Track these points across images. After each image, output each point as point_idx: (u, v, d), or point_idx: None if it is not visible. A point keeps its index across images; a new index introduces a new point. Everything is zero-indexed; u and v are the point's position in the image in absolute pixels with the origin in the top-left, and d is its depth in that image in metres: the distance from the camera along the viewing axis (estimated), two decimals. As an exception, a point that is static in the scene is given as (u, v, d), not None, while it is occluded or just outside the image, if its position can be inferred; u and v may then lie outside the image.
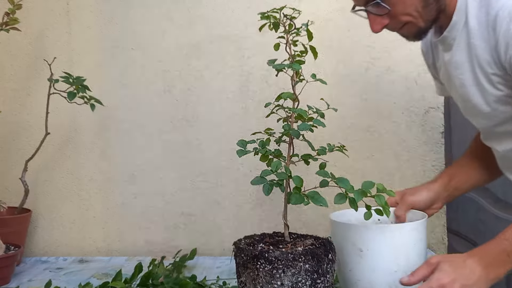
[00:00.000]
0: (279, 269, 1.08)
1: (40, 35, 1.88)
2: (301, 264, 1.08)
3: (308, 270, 1.09)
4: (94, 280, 1.57)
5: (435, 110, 1.81)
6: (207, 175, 1.86)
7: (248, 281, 1.13)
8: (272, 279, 1.08)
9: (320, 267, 1.10)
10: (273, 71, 1.85)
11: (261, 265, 1.10)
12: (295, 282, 1.08)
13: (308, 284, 1.09)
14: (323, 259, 1.11)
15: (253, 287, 1.11)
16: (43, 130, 1.75)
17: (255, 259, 1.11)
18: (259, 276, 1.09)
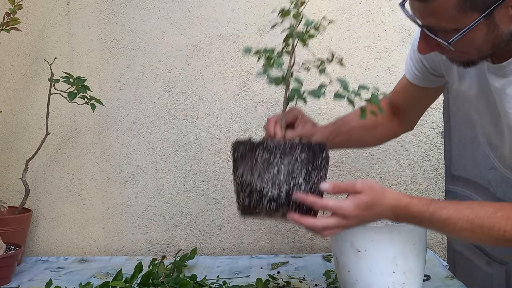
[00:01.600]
0: (276, 156, 1.11)
1: (41, 35, 1.88)
2: (297, 154, 1.11)
3: (303, 161, 1.12)
4: (94, 279, 1.57)
5: (435, 110, 1.81)
6: (207, 175, 1.87)
7: (246, 171, 1.15)
8: (270, 165, 1.11)
9: (315, 160, 1.13)
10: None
11: (260, 153, 1.12)
12: (290, 170, 1.11)
13: (303, 174, 1.11)
14: (318, 154, 1.14)
15: (250, 175, 1.13)
16: (44, 130, 1.76)
17: (254, 148, 1.13)
18: (257, 163, 1.12)
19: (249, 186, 1.13)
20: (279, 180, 1.10)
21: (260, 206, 1.12)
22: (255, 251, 1.86)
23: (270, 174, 1.11)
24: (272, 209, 1.12)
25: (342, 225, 1.10)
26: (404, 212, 1.09)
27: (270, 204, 1.11)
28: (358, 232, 1.21)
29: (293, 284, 1.49)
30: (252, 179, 1.12)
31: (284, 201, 1.11)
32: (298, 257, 1.78)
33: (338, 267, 1.28)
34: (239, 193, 1.19)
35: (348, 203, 1.09)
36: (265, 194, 1.11)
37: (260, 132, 1.85)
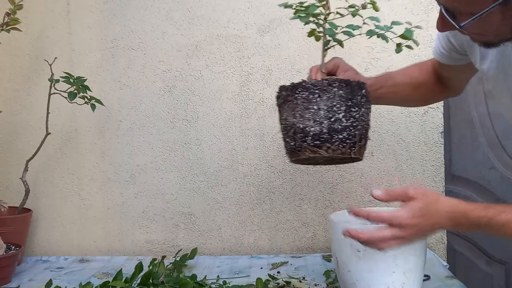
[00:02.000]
0: (315, 94, 1.14)
1: (41, 35, 1.88)
2: (336, 90, 1.14)
3: (343, 96, 1.14)
4: (94, 279, 1.57)
5: (434, 110, 1.81)
6: (207, 175, 1.87)
7: (289, 114, 1.18)
8: (309, 104, 1.14)
9: (354, 96, 1.16)
10: (273, 71, 1.86)
11: (299, 93, 1.15)
12: (330, 106, 1.14)
13: (343, 110, 1.14)
14: (357, 91, 1.16)
15: (293, 117, 1.16)
16: (44, 130, 1.76)
17: (294, 89, 1.16)
18: (298, 104, 1.15)
19: (293, 126, 1.16)
20: (320, 116, 1.13)
21: (304, 144, 1.15)
22: (255, 251, 1.86)
23: (311, 112, 1.13)
24: (316, 146, 1.14)
25: (399, 236, 1.07)
26: (463, 218, 1.07)
27: (313, 140, 1.14)
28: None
29: (293, 284, 1.49)
30: (294, 119, 1.15)
31: (327, 136, 1.13)
32: (298, 257, 1.78)
33: (338, 267, 1.28)
34: (285, 138, 1.21)
35: (403, 211, 1.07)
36: (308, 131, 1.14)
37: (260, 133, 1.86)
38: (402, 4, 1.81)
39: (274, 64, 1.84)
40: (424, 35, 1.79)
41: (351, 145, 1.15)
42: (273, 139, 1.85)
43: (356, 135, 1.16)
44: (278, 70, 1.84)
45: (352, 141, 1.15)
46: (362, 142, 1.19)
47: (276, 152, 1.85)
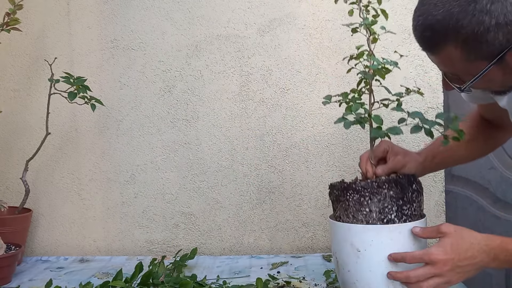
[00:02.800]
0: (366, 196, 1.18)
1: (41, 35, 1.89)
2: (386, 191, 1.18)
3: (393, 197, 1.18)
4: (94, 279, 1.57)
5: (434, 110, 1.81)
6: (207, 175, 1.87)
7: (342, 213, 1.23)
8: (361, 206, 1.19)
9: (404, 194, 1.19)
10: (273, 71, 1.86)
11: (350, 195, 1.20)
12: (382, 208, 1.18)
13: (395, 210, 1.18)
14: (407, 188, 1.19)
15: (346, 217, 1.21)
16: (44, 130, 1.76)
17: (344, 191, 1.21)
18: (350, 206, 1.20)
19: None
20: (372, 219, 1.18)
21: None
22: (255, 251, 1.86)
23: (363, 214, 1.18)
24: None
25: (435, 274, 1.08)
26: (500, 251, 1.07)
27: None
28: (358, 232, 1.21)
29: (293, 284, 1.49)
30: (348, 220, 1.21)
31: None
32: (298, 257, 1.78)
33: (338, 267, 1.28)
34: None
35: (434, 247, 1.09)
36: None
37: (260, 133, 1.86)
38: (402, 4, 1.81)
39: (274, 64, 1.84)
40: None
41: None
42: (273, 139, 1.85)
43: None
44: (278, 70, 1.84)
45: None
46: None
47: (276, 152, 1.85)
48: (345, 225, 1.24)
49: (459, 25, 0.95)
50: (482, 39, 0.95)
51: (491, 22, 0.93)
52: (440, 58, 1.04)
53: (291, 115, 1.85)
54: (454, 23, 0.95)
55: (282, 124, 1.85)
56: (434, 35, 1.00)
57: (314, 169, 1.85)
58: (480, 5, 0.93)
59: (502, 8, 0.92)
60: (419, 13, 1.01)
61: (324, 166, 1.85)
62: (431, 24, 0.98)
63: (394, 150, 1.33)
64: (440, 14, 0.96)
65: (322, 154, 1.85)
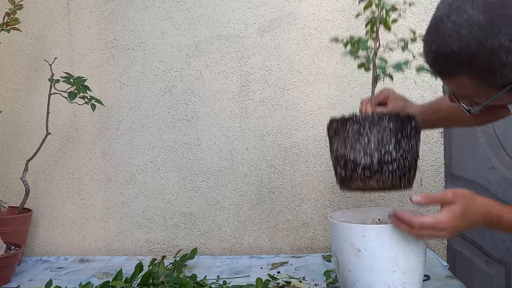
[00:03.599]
0: (365, 127, 1.19)
1: (41, 35, 1.89)
2: (385, 123, 1.19)
3: (392, 129, 1.19)
4: (94, 279, 1.57)
5: (435, 110, 1.81)
6: (207, 175, 1.87)
7: (340, 145, 1.22)
8: (360, 136, 1.19)
9: (403, 128, 1.20)
10: (273, 71, 1.87)
11: (350, 126, 1.20)
12: (380, 139, 1.18)
13: (393, 142, 1.19)
14: (406, 123, 1.20)
15: (344, 148, 1.21)
16: (44, 130, 1.76)
17: (345, 123, 1.21)
18: (348, 136, 1.20)
19: (344, 157, 1.21)
20: (370, 149, 1.18)
21: (355, 175, 1.20)
22: (255, 251, 1.86)
23: (361, 144, 1.18)
24: (366, 177, 1.19)
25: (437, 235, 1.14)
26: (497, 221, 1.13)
27: (364, 172, 1.19)
28: (358, 232, 1.21)
29: (293, 284, 1.49)
30: (345, 151, 1.20)
31: (377, 168, 1.18)
32: (298, 257, 1.78)
33: (338, 267, 1.28)
34: (336, 167, 1.26)
35: (444, 216, 1.12)
36: (359, 163, 1.19)
37: (260, 133, 1.86)
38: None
39: (274, 64, 1.84)
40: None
41: (401, 176, 1.20)
42: (273, 139, 1.85)
43: (406, 166, 1.20)
44: (278, 70, 1.84)
45: (401, 172, 1.20)
46: (412, 173, 1.23)
47: (276, 152, 1.85)
48: (346, 225, 1.24)
49: (474, 59, 0.93)
50: (497, 73, 0.94)
51: (508, 59, 0.92)
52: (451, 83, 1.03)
53: (291, 115, 1.85)
54: (470, 57, 0.93)
55: (282, 124, 1.85)
56: (447, 65, 0.98)
57: (314, 169, 1.85)
58: (498, 42, 0.91)
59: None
60: (432, 39, 0.98)
61: (324, 166, 1.85)
62: (446, 54, 0.96)
63: (395, 96, 1.35)
64: (456, 46, 0.93)
65: (322, 154, 1.85)
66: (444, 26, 0.95)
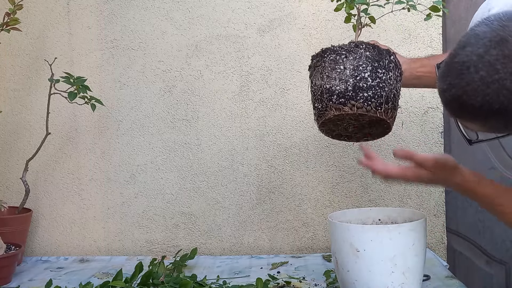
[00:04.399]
0: (341, 55, 1.17)
1: (41, 35, 1.89)
2: (362, 51, 1.17)
3: (369, 57, 1.17)
4: (94, 279, 1.57)
5: (434, 110, 1.81)
6: (207, 175, 1.87)
7: (317, 78, 1.20)
8: (336, 64, 1.17)
9: (381, 59, 1.18)
10: (273, 71, 1.86)
11: (327, 56, 1.19)
12: (356, 66, 1.16)
13: (369, 70, 1.16)
14: (385, 55, 1.19)
15: (321, 80, 1.18)
16: (44, 130, 1.76)
17: (323, 54, 1.20)
18: (325, 66, 1.18)
19: (320, 88, 1.19)
20: (345, 75, 1.15)
21: (330, 104, 1.17)
22: (255, 251, 1.86)
23: (337, 72, 1.16)
24: (341, 104, 1.16)
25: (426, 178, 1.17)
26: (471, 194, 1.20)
27: (338, 98, 1.16)
28: (357, 232, 1.21)
29: (293, 284, 1.49)
30: (322, 82, 1.18)
31: (352, 94, 1.15)
32: (298, 257, 1.78)
33: (337, 267, 1.28)
34: (314, 104, 1.23)
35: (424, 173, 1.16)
36: (333, 90, 1.16)
37: (260, 133, 1.86)
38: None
39: (274, 64, 1.84)
40: (424, 35, 1.79)
41: (377, 105, 1.16)
42: (273, 139, 1.85)
43: (382, 96, 1.17)
44: (278, 70, 1.84)
45: (378, 101, 1.16)
46: (389, 105, 1.19)
47: (276, 152, 1.85)
48: (345, 225, 1.24)
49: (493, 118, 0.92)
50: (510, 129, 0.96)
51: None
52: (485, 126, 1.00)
53: (291, 115, 1.85)
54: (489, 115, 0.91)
55: (282, 124, 1.85)
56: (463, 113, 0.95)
57: (314, 169, 1.85)
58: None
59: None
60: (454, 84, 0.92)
61: (324, 166, 1.85)
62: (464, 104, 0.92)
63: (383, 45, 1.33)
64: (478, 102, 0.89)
65: (322, 154, 1.85)
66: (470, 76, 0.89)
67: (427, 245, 1.35)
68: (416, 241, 1.21)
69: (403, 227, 1.21)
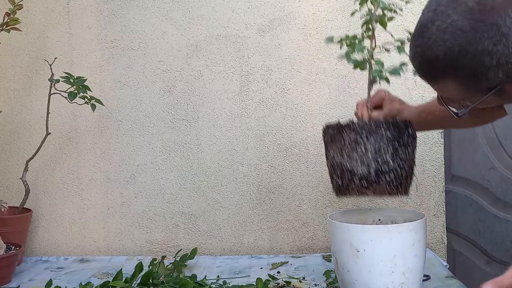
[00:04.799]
0: (362, 135, 1.17)
1: (41, 35, 1.89)
2: (383, 132, 1.17)
3: (390, 138, 1.17)
4: (94, 279, 1.57)
5: (435, 110, 1.81)
6: (207, 175, 1.87)
7: (336, 153, 1.21)
8: (357, 145, 1.17)
9: (401, 137, 1.18)
10: (273, 71, 1.86)
11: (347, 134, 1.18)
12: (377, 148, 1.16)
13: (390, 151, 1.17)
14: (404, 131, 1.19)
15: (340, 156, 1.19)
16: (44, 130, 1.76)
17: (341, 130, 1.20)
18: (345, 144, 1.18)
19: (340, 166, 1.19)
20: (367, 158, 1.16)
21: (352, 185, 1.18)
22: (255, 251, 1.86)
23: (358, 153, 1.16)
24: (364, 187, 1.17)
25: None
26: None
27: (361, 182, 1.17)
28: (357, 232, 1.21)
29: (293, 284, 1.49)
30: (342, 160, 1.18)
31: (374, 178, 1.16)
32: (298, 257, 1.78)
33: (337, 267, 1.28)
34: (332, 175, 1.25)
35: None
36: (356, 173, 1.17)
37: (260, 133, 1.86)
38: (402, 4, 1.80)
39: (274, 64, 1.84)
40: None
41: (398, 185, 1.19)
42: (273, 139, 1.85)
43: (402, 175, 1.19)
44: (278, 70, 1.84)
45: (398, 181, 1.19)
46: (408, 181, 1.22)
47: (276, 152, 1.85)
48: (344, 225, 1.24)
49: (459, 64, 0.94)
50: (482, 77, 0.94)
51: (492, 63, 0.92)
52: (437, 87, 1.04)
53: (291, 115, 1.85)
54: (454, 61, 0.94)
55: (282, 124, 1.85)
56: (432, 70, 0.99)
57: (314, 169, 1.85)
58: (482, 47, 0.91)
59: (504, 50, 0.91)
60: (417, 44, 0.99)
61: (324, 166, 1.84)
62: (430, 59, 0.97)
63: (390, 98, 1.33)
64: (440, 51, 0.94)
65: (322, 154, 1.84)
66: (429, 31, 0.95)
67: (427, 245, 1.35)
68: (416, 241, 1.21)
69: (403, 227, 1.20)
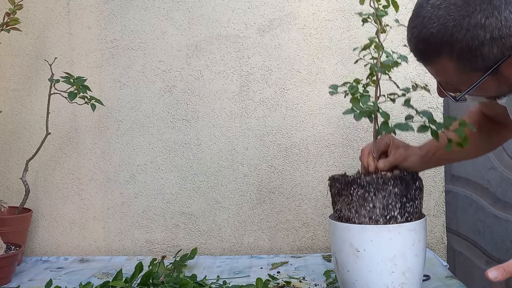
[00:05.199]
0: (370, 192, 1.18)
1: (41, 35, 1.89)
2: (391, 188, 1.18)
3: (397, 194, 1.18)
4: (94, 279, 1.57)
5: (434, 110, 1.81)
6: (207, 175, 1.87)
7: (343, 207, 1.22)
8: (365, 202, 1.18)
9: (408, 191, 1.19)
10: (273, 71, 1.86)
11: (354, 190, 1.19)
12: (386, 205, 1.18)
13: (398, 207, 1.18)
14: (411, 185, 1.20)
15: (348, 211, 1.21)
16: (44, 130, 1.76)
17: (348, 185, 1.20)
18: (353, 200, 1.19)
19: (348, 221, 1.21)
20: (375, 215, 1.18)
21: None
22: (255, 251, 1.86)
23: (366, 210, 1.18)
24: None
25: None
26: None
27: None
28: (357, 232, 1.21)
29: (293, 284, 1.49)
30: (350, 215, 1.21)
31: None
32: (298, 257, 1.78)
33: (337, 267, 1.28)
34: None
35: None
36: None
37: (260, 133, 1.86)
38: (402, 4, 1.80)
39: (274, 64, 1.84)
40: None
41: None
42: (273, 139, 1.85)
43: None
44: (278, 70, 1.84)
45: None
46: None
47: (276, 152, 1.85)
48: (344, 225, 1.24)
49: (453, 39, 0.95)
50: (477, 52, 0.95)
51: (485, 37, 0.93)
52: (435, 69, 1.04)
53: (291, 115, 1.85)
54: (449, 37, 0.95)
55: (282, 124, 1.85)
56: (428, 48, 1.00)
57: (314, 169, 1.85)
58: (475, 20, 0.92)
59: (497, 23, 0.92)
60: (413, 25, 1.01)
61: (324, 166, 1.85)
62: (426, 37, 0.98)
63: (395, 144, 1.33)
64: (435, 28, 0.96)
65: (322, 154, 1.85)
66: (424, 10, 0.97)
67: (427, 245, 1.35)
68: (416, 241, 1.21)
69: (403, 227, 1.20)
